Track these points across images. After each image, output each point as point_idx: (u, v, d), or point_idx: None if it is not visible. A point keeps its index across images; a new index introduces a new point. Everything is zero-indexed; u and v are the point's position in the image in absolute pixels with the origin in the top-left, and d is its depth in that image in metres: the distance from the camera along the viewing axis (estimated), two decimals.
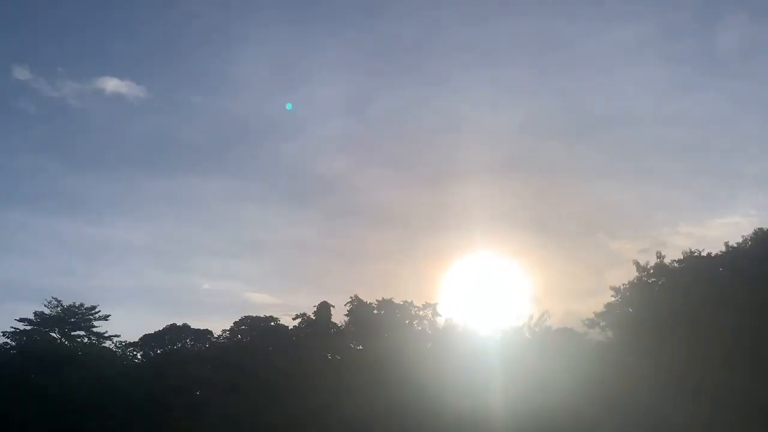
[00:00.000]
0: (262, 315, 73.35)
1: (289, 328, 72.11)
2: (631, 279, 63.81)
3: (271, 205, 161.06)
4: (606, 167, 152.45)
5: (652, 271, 63.07)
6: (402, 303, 71.28)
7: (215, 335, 74.66)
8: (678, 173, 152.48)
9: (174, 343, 74.39)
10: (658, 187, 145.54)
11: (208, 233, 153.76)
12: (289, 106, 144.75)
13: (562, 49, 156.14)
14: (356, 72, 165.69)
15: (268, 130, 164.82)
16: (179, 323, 74.79)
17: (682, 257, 62.14)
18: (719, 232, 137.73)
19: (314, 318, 71.14)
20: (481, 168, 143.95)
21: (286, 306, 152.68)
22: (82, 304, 75.22)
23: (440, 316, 71.29)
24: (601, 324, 64.66)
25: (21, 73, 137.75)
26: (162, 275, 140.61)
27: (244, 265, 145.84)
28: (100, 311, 75.75)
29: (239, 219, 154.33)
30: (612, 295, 64.11)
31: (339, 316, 71.52)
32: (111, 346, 76.17)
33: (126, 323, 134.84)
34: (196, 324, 76.06)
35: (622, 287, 63.66)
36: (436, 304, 71.62)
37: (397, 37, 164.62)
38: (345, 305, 71.30)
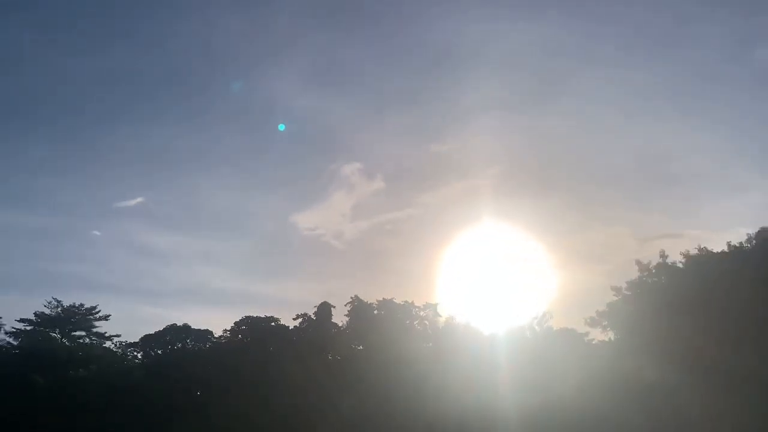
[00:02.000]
0: (262, 315, 73.38)
1: (290, 328, 72.03)
2: (633, 278, 63.44)
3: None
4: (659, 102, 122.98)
5: (654, 270, 62.66)
6: (402, 303, 71.32)
7: (215, 335, 74.69)
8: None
9: (174, 343, 74.41)
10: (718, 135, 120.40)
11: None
12: (281, 127, 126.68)
13: None
14: None
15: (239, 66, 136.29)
16: (179, 323, 74.86)
17: (684, 256, 61.72)
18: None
19: (314, 318, 71.08)
20: (493, 105, 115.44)
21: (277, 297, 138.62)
22: (82, 305, 75.31)
23: (440, 316, 71.39)
24: (603, 323, 64.28)
25: None
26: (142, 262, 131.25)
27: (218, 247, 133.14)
28: (100, 311, 75.92)
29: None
30: (614, 295, 63.73)
31: (339, 316, 71.62)
32: (111, 346, 76.29)
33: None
34: (192, 321, 76.24)
35: (623, 286, 63.26)
36: (436, 304, 71.90)
37: None
38: (345, 305, 71.43)
